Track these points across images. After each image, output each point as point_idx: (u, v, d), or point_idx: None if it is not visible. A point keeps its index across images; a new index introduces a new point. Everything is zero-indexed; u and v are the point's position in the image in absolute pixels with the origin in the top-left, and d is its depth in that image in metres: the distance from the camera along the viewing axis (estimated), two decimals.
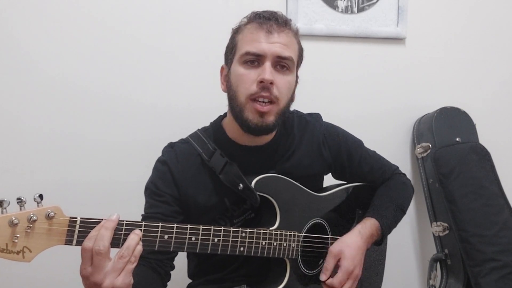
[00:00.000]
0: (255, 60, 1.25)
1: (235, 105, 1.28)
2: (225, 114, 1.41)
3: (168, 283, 1.34)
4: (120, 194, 1.85)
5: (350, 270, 1.26)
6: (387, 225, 1.40)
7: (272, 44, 1.24)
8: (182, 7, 1.92)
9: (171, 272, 1.35)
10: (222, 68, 1.38)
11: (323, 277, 1.26)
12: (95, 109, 1.86)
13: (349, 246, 1.29)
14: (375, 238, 1.37)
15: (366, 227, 1.35)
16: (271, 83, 1.22)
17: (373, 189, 1.53)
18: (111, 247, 0.99)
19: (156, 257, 1.27)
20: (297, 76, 1.37)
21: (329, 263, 1.27)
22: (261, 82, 1.22)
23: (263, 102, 1.24)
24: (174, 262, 1.35)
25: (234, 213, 1.35)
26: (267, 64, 1.23)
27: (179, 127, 1.52)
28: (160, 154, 1.39)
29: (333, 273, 1.27)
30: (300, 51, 1.35)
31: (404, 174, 1.61)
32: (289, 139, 1.42)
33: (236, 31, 1.32)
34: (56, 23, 1.82)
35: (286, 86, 1.27)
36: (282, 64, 1.26)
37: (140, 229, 1.04)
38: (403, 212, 1.50)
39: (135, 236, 1.01)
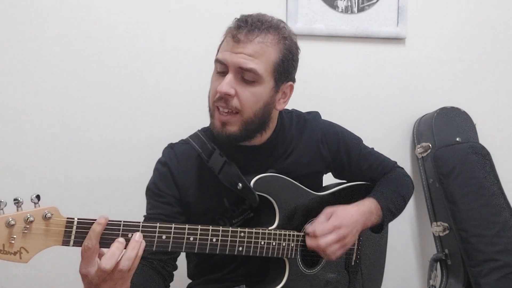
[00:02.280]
0: (224, 69, 1.23)
1: (209, 109, 1.30)
2: None
3: None
4: (119, 193, 1.85)
5: (337, 225, 1.25)
6: (387, 206, 1.40)
7: (236, 54, 1.20)
8: (182, 7, 1.92)
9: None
10: None
11: (309, 228, 1.26)
12: (94, 109, 1.86)
13: (344, 209, 1.30)
14: (375, 218, 1.37)
15: (364, 202, 1.36)
16: (228, 95, 1.20)
17: (373, 187, 1.51)
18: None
19: (158, 257, 1.27)
20: (282, 83, 1.29)
21: (320, 218, 1.28)
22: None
23: (223, 111, 1.23)
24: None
25: (233, 214, 1.35)
26: (228, 76, 1.21)
27: (179, 127, 1.53)
28: (159, 153, 1.40)
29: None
30: (281, 60, 1.25)
31: (402, 168, 1.61)
32: (288, 138, 1.42)
33: (225, 34, 1.30)
34: (58, 22, 1.82)
35: (249, 98, 1.22)
36: (244, 76, 1.22)
37: (135, 225, 1.04)
38: (403, 199, 1.50)
39: (135, 246, 1.00)
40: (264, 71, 1.22)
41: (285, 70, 1.27)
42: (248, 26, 1.21)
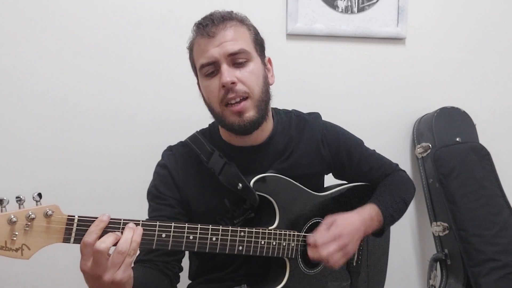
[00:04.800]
0: (213, 69, 1.25)
1: (215, 115, 1.30)
2: None
3: None
4: (120, 193, 1.86)
5: (337, 234, 1.22)
6: (388, 212, 1.38)
7: (219, 46, 1.23)
8: (181, 9, 1.92)
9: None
10: (198, 84, 1.39)
11: (310, 239, 1.24)
12: (95, 110, 1.86)
13: (344, 218, 1.27)
14: (376, 224, 1.35)
15: (364, 209, 1.34)
16: (233, 83, 1.22)
17: (373, 188, 1.52)
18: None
19: (162, 259, 1.28)
20: (264, 57, 1.35)
21: (320, 227, 1.26)
22: (223, 87, 1.23)
23: (235, 102, 1.24)
24: None
25: (234, 214, 1.35)
26: (223, 67, 1.23)
27: (179, 128, 1.53)
28: (159, 153, 1.40)
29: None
30: (254, 35, 1.33)
31: (404, 171, 1.60)
32: (287, 139, 1.42)
33: (190, 49, 1.33)
34: (58, 21, 1.82)
35: (251, 77, 1.26)
36: (237, 60, 1.25)
37: (135, 223, 1.05)
38: (405, 203, 1.49)
39: (130, 230, 1.02)
40: (249, 48, 1.28)
41: (261, 44, 1.35)
42: (212, 21, 1.26)
